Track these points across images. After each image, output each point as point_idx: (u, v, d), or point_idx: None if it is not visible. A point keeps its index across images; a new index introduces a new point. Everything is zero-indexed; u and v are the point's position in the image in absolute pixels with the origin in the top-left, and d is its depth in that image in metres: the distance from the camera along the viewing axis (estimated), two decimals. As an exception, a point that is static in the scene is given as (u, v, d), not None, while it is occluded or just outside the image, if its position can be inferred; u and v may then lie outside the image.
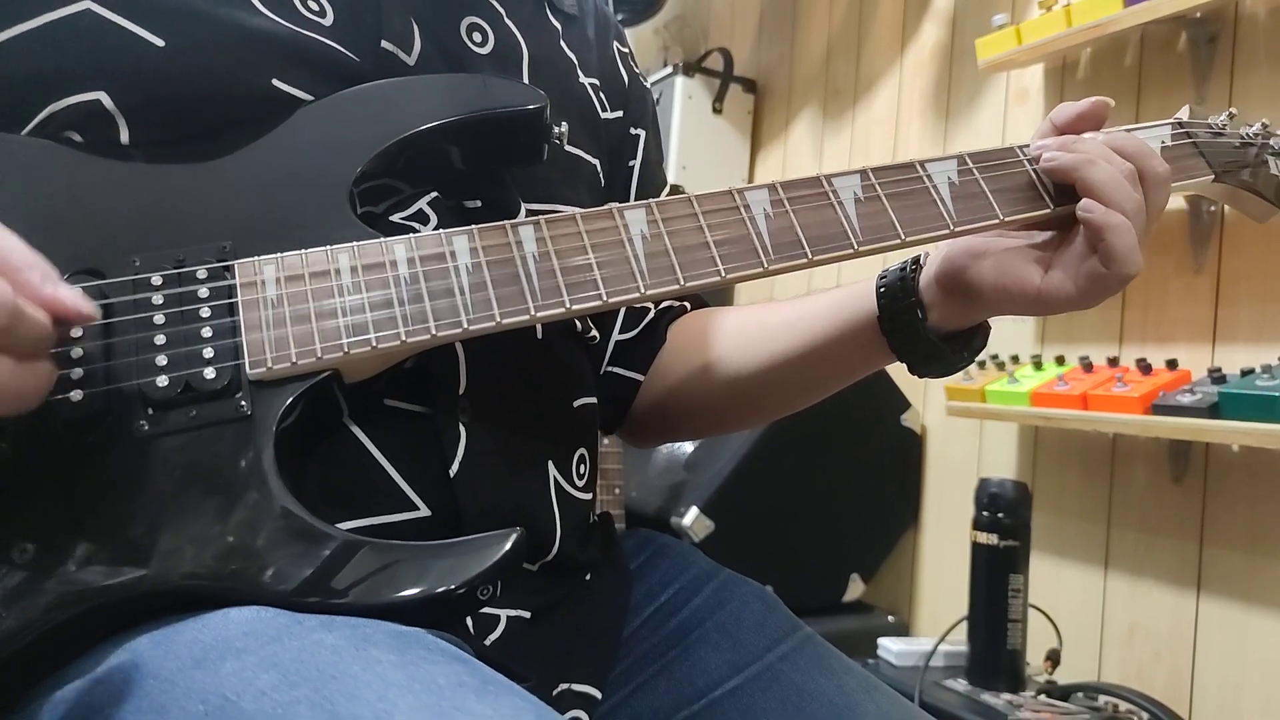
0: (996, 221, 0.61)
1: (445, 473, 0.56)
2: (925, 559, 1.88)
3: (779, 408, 0.78)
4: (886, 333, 0.66)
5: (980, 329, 0.66)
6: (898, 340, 0.66)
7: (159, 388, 0.48)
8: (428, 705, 0.38)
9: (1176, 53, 1.46)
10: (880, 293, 0.66)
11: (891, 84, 2.07)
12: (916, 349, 0.65)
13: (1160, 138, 0.67)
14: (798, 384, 0.74)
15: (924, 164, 0.62)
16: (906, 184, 0.61)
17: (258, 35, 0.56)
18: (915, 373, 0.67)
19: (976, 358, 0.68)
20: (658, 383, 0.78)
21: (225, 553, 0.46)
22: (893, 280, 0.66)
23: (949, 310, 0.64)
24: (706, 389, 0.75)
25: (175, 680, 0.41)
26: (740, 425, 0.83)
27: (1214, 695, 1.36)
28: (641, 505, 1.76)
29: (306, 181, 0.55)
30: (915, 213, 0.60)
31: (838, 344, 0.69)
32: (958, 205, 0.61)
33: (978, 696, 1.36)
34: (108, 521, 0.46)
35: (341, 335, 0.50)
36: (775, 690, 0.65)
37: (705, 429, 0.86)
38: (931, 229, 0.60)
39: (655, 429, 0.81)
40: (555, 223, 0.56)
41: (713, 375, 0.75)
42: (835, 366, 0.72)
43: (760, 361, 0.73)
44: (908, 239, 0.60)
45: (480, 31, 0.66)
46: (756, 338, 0.73)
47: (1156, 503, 1.45)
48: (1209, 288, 1.40)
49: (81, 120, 0.53)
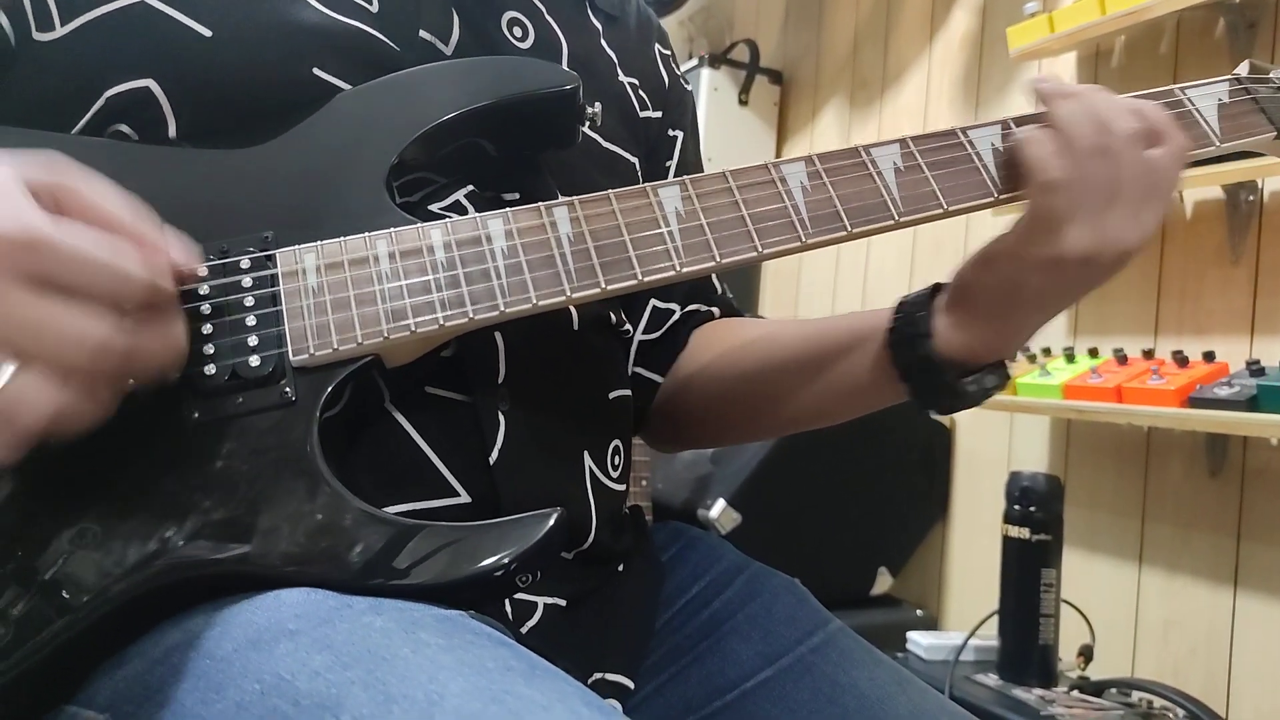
0: None
1: (485, 460, 0.57)
2: (954, 553, 1.87)
3: (790, 423, 0.74)
4: (891, 345, 0.62)
5: (997, 368, 0.62)
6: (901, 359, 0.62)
7: (207, 376, 0.49)
8: (478, 688, 0.39)
9: (1214, 39, 1.44)
10: (896, 311, 0.63)
11: (920, 74, 2.05)
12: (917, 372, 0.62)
13: (1217, 95, 0.64)
14: (806, 400, 0.70)
15: (965, 130, 0.60)
16: (948, 151, 0.59)
17: (301, 25, 0.57)
18: (922, 406, 0.63)
19: (987, 398, 0.62)
20: (675, 386, 0.77)
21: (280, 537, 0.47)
22: (909, 299, 0.63)
23: (956, 324, 0.61)
24: (719, 396, 0.74)
25: (232, 660, 0.42)
26: (752, 436, 0.80)
27: (1252, 692, 1.34)
28: (668, 497, 1.76)
29: (343, 170, 0.55)
30: (957, 180, 0.59)
31: (846, 360, 0.66)
32: (1002, 172, 0.59)
33: (1009, 691, 1.35)
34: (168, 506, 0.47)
35: (381, 321, 0.51)
36: (808, 682, 0.65)
37: (717, 437, 0.83)
38: (975, 197, 0.59)
39: (671, 433, 0.80)
40: (589, 203, 0.55)
41: (726, 383, 0.73)
42: (843, 384, 0.68)
43: (770, 372, 0.71)
44: (950, 208, 0.58)
45: (521, 26, 0.66)
46: (771, 347, 0.72)
47: (1192, 497, 1.43)
48: (1247, 278, 1.38)
49: (132, 109, 0.54)
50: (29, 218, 0.41)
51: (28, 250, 0.41)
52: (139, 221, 0.45)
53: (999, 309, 0.59)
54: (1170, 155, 0.57)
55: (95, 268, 0.42)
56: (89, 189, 0.44)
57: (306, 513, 0.47)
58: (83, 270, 0.42)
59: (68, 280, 0.41)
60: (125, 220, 0.44)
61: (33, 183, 0.43)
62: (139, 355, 0.44)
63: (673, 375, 0.77)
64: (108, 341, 0.42)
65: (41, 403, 0.41)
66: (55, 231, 0.41)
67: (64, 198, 0.44)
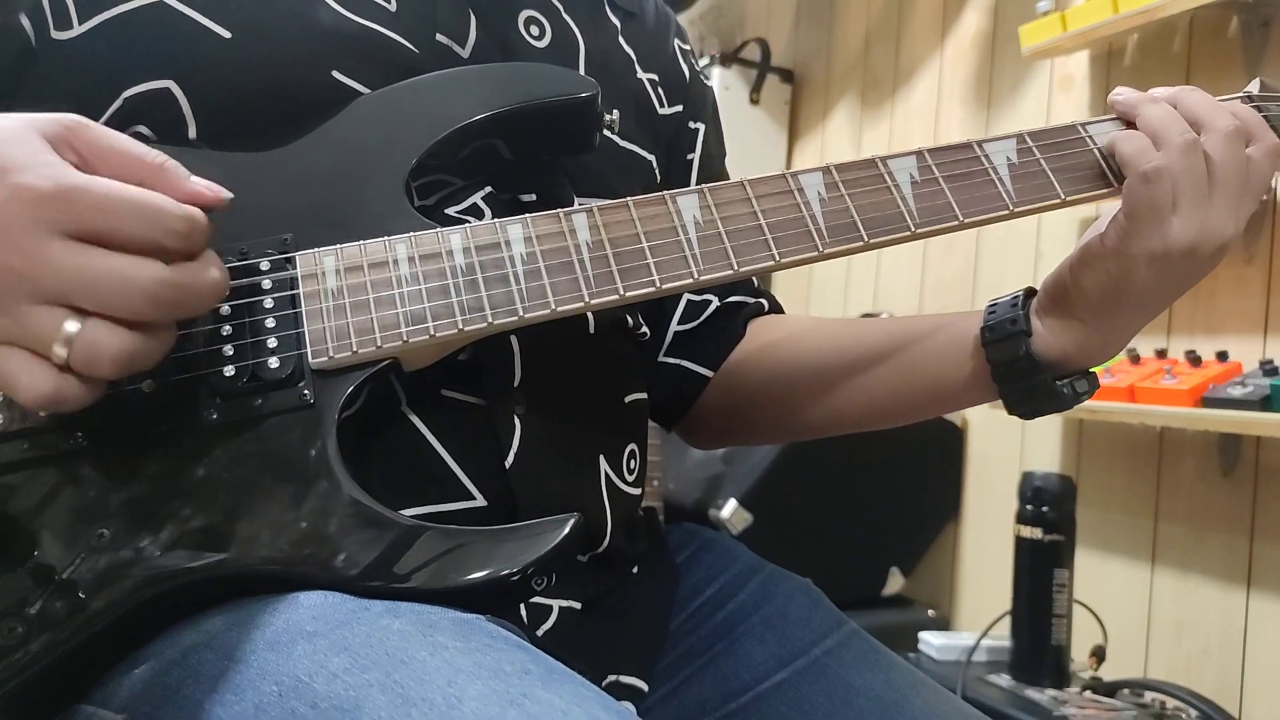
0: (1058, 201, 0.60)
1: (501, 464, 0.57)
2: (966, 553, 1.86)
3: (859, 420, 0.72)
4: (986, 344, 0.62)
5: (1089, 375, 0.62)
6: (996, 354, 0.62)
7: (226, 378, 0.49)
8: (496, 692, 0.39)
9: (1227, 39, 1.43)
10: (989, 312, 0.63)
11: (932, 73, 2.05)
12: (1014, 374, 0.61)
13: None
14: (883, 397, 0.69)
15: (981, 144, 0.61)
16: (963, 164, 0.60)
17: (319, 26, 0.57)
18: (1013, 410, 0.63)
19: (1079, 402, 0.62)
20: (734, 381, 0.75)
21: (299, 538, 0.47)
22: (1003, 302, 0.63)
23: (1054, 326, 0.61)
24: (789, 388, 0.72)
25: (250, 662, 0.43)
26: (814, 432, 0.75)
27: (1265, 693, 1.34)
28: (679, 498, 1.76)
29: (363, 173, 0.55)
30: (973, 193, 0.59)
31: (933, 357, 0.66)
32: (1017, 185, 0.60)
33: (1021, 692, 1.35)
34: (182, 508, 0.47)
35: (400, 325, 0.51)
36: (822, 684, 0.65)
37: (774, 433, 0.80)
38: (990, 209, 0.59)
39: (722, 430, 0.79)
40: (608, 210, 0.56)
41: (797, 376, 0.72)
42: (925, 380, 0.67)
43: (851, 365, 0.69)
44: (966, 220, 0.59)
45: (538, 25, 0.67)
46: (851, 341, 0.70)
47: (1205, 497, 1.43)
48: (1260, 277, 1.37)
49: (150, 110, 0.54)
50: (55, 169, 0.41)
51: (60, 202, 0.41)
52: (160, 158, 0.45)
53: (1102, 308, 0.60)
54: (1264, 151, 0.59)
55: (131, 212, 0.42)
56: (106, 134, 0.44)
57: (324, 515, 0.47)
58: (119, 216, 0.42)
59: (106, 228, 0.41)
60: (148, 159, 0.44)
61: (50, 134, 0.43)
62: (189, 289, 0.44)
63: (733, 370, 0.76)
64: (158, 282, 0.42)
65: (112, 348, 0.41)
66: (82, 180, 0.41)
67: (82, 147, 0.44)
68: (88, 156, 0.44)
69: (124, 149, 0.44)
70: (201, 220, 0.45)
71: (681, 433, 0.81)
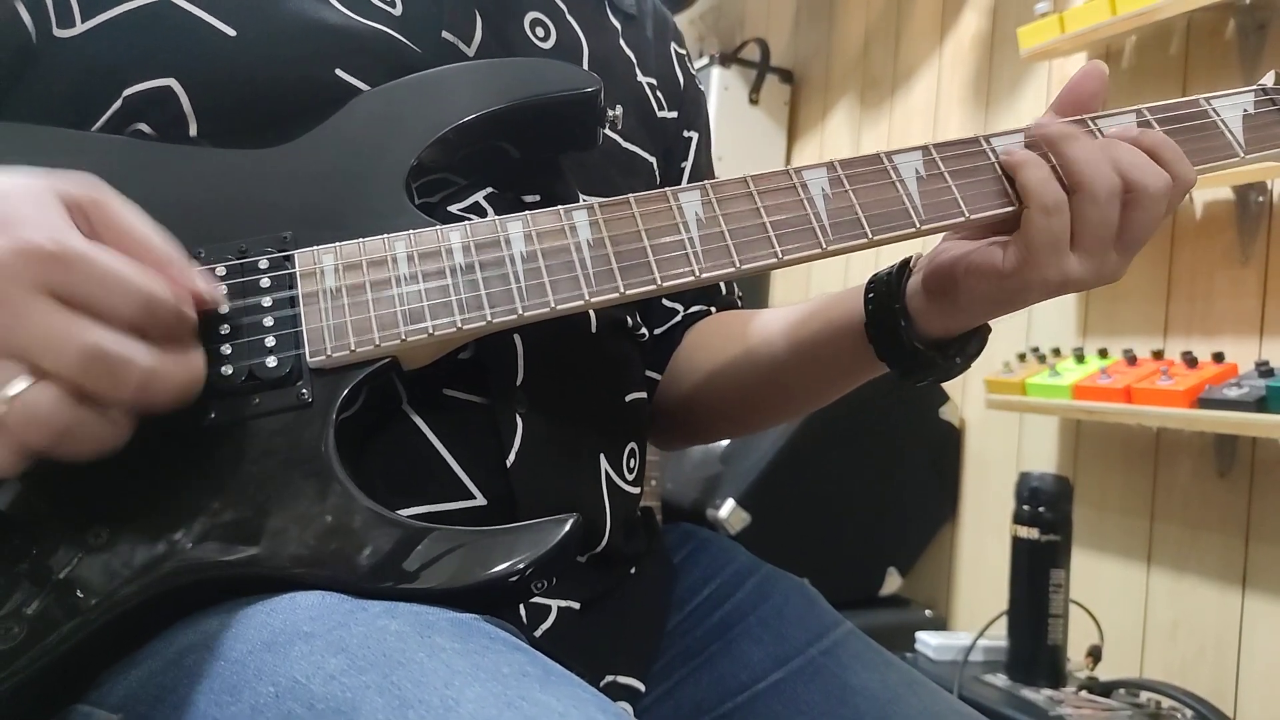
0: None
1: (502, 463, 0.57)
2: (963, 553, 1.87)
3: (783, 410, 0.76)
4: (871, 339, 0.63)
5: (978, 332, 0.62)
6: (881, 346, 0.63)
7: (224, 376, 0.49)
8: (494, 694, 0.39)
9: (1224, 41, 1.43)
10: (869, 297, 0.63)
11: (930, 73, 2.05)
12: (900, 357, 0.62)
13: (1243, 105, 0.64)
14: (794, 387, 0.72)
15: (989, 139, 0.60)
16: (970, 160, 0.59)
17: (324, 26, 0.57)
18: (905, 380, 0.64)
19: (971, 363, 0.63)
20: (674, 383, 0.77)
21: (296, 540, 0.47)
22: (880, 285, 0.63)
23: (935, 314, 0.61)
24: (715, 389, 0.74)
25: (246, 662, 0.42)
26: (753, 427, 0.81)
27: (1260, 692, 1.34)
28: (677, 497, 1.76)
29: (363, 171, 0.55)
30: (980, 189, 0.58)
31: (828, 350, 0.67)
32: None
33: (1018, 692, 1.35)
34: (180, 508, 0.47)
35: (399, 323, 0.51)
36: (818, 684, 0.65)
37: (720, 430, 0.84)
38: (997, 205, 0.58)
39: (673, 429, 0.80)
40: (609, 207, 0.55)
41: (720, 376, 0.74)
42: (826, 370, 0.69)
43: (757, 367, 0.71)
44: (972, 217, 0.58)
45: (543, 26, 0.67)
46: (760, 338, 0.72)
47: (1201, 498, 1.43)
48: (1256, 279, 1.37)
49: (151, 108, 0.54)
50: (62, 232, 0.41)
51: (57, 263, 0.40)
52: (168, 248, 0.45)
53: (985, 310, 0.60)
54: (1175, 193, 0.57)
55: (123, 289, 0.41)
56: (122, 211, 0.44)
57: (319, 514, 0.47)
58: (110, 290, 0.41)
59: (93, 298, 0.41)
60: (155, 245, 0.44)
61: (68, 198, 0.43)
62: (157, 381, 0.43)
63: (673, 372, 0.77)
64: (128, 363, 0.41)
65: (52, 418, 0.40)
66: (86, 248, 0.41)
67: (96, 217, 0.44)
68: (99, 229, 0.43)
69: (136, 233, 0.44)
70: (191, 319, 0.45)
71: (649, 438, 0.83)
